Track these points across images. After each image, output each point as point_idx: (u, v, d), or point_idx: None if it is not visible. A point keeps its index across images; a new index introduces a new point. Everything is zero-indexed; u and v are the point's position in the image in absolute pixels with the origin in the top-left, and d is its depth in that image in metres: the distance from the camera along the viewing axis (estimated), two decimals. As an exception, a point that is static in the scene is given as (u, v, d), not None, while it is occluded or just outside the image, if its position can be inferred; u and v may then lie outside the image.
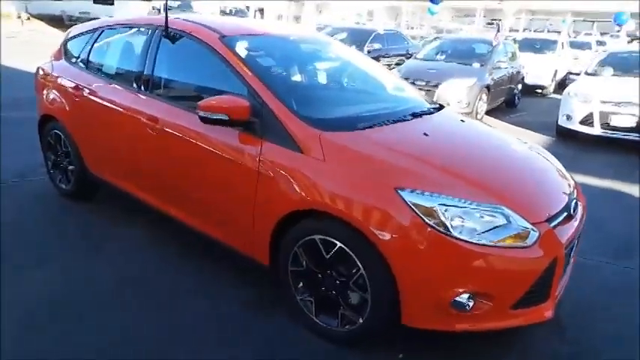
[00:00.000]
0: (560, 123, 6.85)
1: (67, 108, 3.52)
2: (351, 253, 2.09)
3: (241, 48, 2.69)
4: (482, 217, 1.99)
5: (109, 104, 3.16)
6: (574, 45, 16.93)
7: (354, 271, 2.12)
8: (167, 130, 2.75)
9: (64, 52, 3.80)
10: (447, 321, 2.04)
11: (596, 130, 6.35)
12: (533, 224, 2.04)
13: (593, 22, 39.70)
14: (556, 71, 11.91)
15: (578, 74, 15.66)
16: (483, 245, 1.95)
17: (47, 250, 3.01)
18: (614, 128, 6.23)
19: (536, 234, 2.02)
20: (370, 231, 2.00)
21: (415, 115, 2.77)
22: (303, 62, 3.07)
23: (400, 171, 2.12)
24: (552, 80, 11.76)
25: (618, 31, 37.30)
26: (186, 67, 2.98)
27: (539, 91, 11.71)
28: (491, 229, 1.98)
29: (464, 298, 1.97)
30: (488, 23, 41.04)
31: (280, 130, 2.32)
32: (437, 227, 1.94)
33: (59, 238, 3.20)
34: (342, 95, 2.91)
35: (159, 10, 19.72)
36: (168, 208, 2.94)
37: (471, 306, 1.98)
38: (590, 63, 7.73)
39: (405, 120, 2.65)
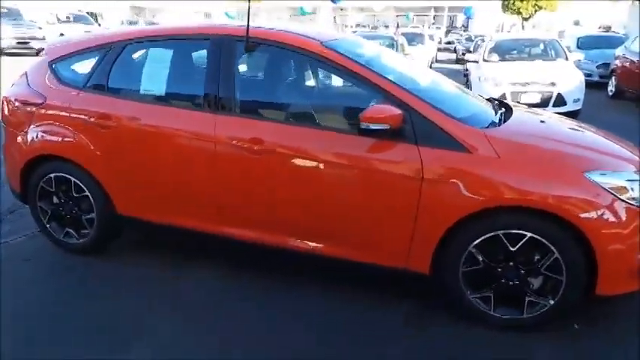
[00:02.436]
0: (475, 105, 7.75)
1: (87, 143, 2.87)
2: (544, 240, 2.19)
3: (349, 53, 2.55)
4: (643, 186, 2.28)
5: (170, 132, 2.69)
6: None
7: (543, 257, 2.23)
8: (279, 151, 2.47)
9: (54, 76, 3.06)
10: (633, 283, 2.29)
11: (510, 108, 7.37)
12: None
13: (413, 16, 45.08)
14: (429, 61, 13.36)
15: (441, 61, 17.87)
16: None
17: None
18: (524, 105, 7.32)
19: None
20: (571, 215, 2.14)
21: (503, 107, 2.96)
22: (390, 64, 2.98)
23: (573, 157, 2.30)
24: (427, 69, 13.15)
25: (433, 23, 43.73)
26: (283, 79, 2.69)
27: (417, 79, 12.99)
28: None
29: (649, 259, 2.23)
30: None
31: (439, 133, 2.30)
32: (629, 201, 2.16)
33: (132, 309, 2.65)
34: (447, 94, 2.93)
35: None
36: (276, 239, 2.63)
37: (650, 265, 2.26)
38: (484, 51, 8.88)
39: (509, 111, 2.82)
